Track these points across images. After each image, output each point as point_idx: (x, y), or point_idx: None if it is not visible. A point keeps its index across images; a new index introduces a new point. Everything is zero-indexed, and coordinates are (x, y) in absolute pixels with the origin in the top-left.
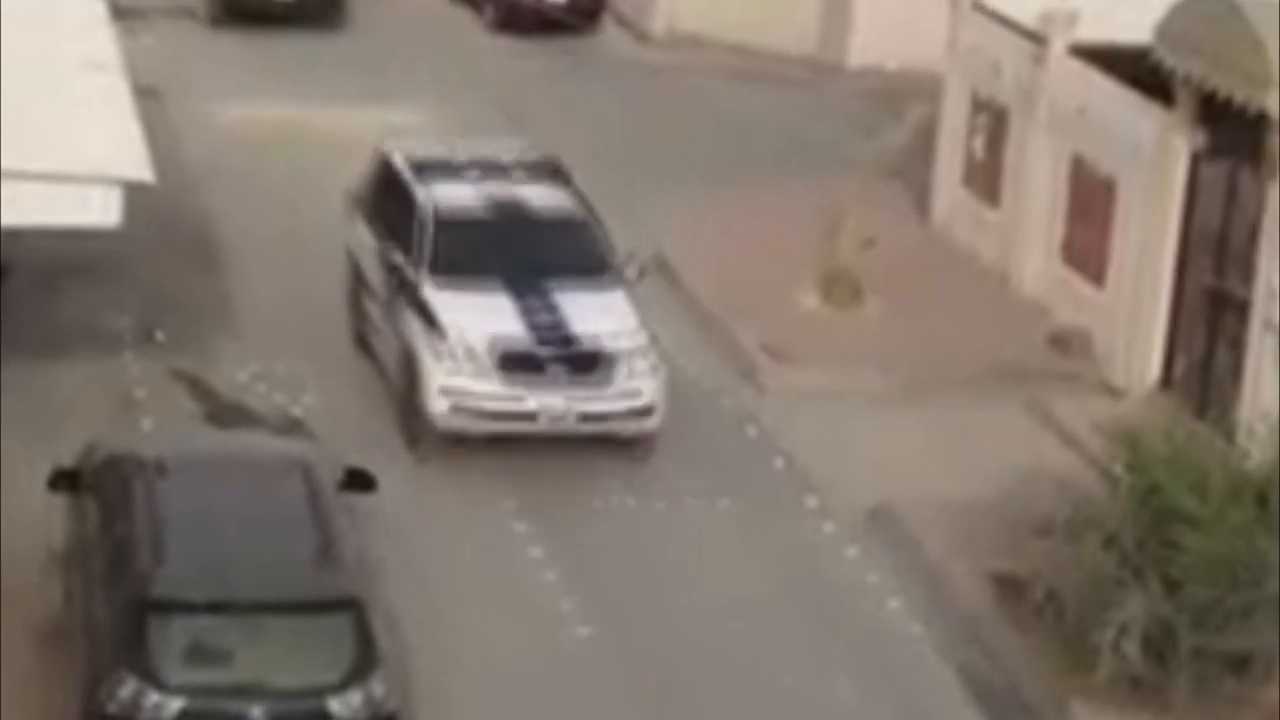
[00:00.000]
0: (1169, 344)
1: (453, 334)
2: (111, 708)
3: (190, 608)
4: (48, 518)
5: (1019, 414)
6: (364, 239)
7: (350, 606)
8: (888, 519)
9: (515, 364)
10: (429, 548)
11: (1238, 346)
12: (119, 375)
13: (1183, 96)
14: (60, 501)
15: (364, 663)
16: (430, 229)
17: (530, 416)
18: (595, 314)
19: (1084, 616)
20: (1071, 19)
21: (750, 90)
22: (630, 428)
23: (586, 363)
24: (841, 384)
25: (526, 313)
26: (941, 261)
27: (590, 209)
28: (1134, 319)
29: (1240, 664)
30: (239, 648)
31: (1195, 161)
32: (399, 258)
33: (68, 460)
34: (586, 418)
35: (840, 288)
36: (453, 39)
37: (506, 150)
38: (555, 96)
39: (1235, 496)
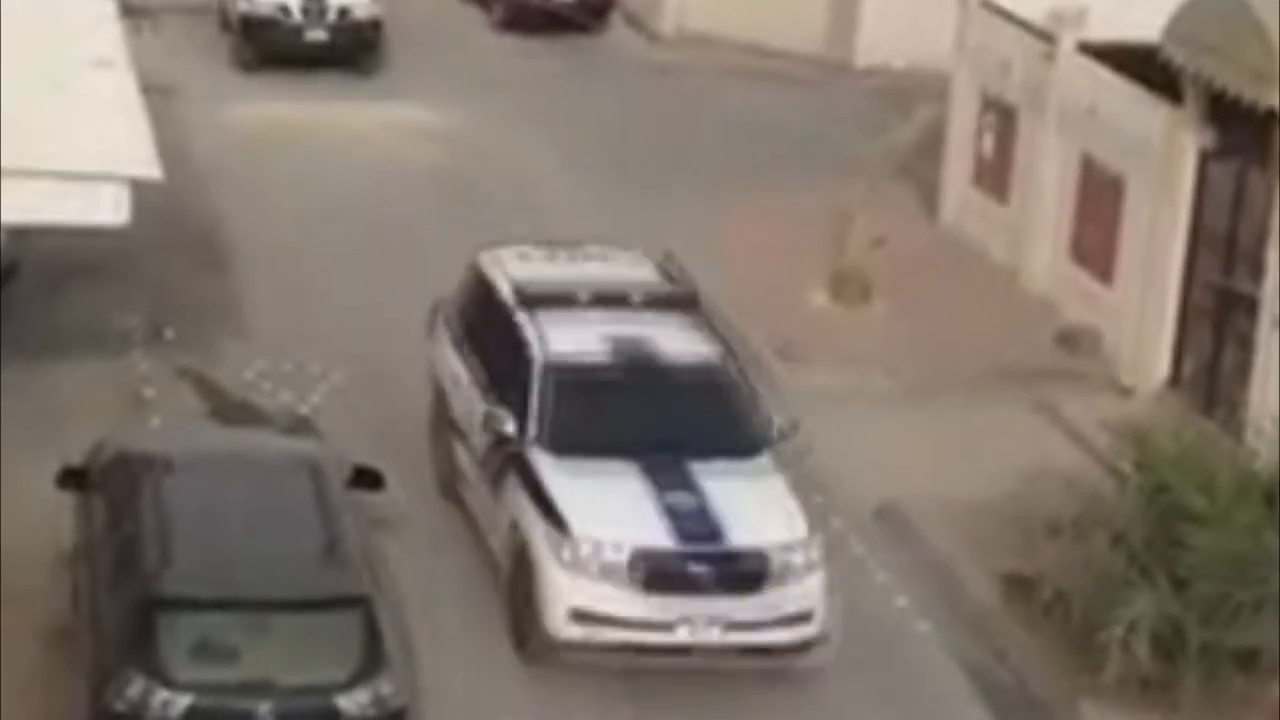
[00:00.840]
0: (1177, 343)
1: (585, 544)
2: (119, 706)
3: (198, 605)
4: (56, 517)
5: (1027, 412)
6: (455, 370)
7: (357, 604)
8: (895, 518)
9: (664, 583)
10: None
11: (1246, 345)
12: (127, 374)
13: (1191, 95)
14: (68, 500)
15: (371, 660)
16: (545, 388)
17: (684, 650)
18: (755, 513)
19: (1092, 615)
20: (1080, 17)
21: (758, 89)
22: (786, 638)
23: (749, 582)
24: (850, 383)
25: (670, 512)
26: (950, 260)
27: (735, 357)
28: (1142, 317)
29: (1248, 661)
30: (246, 645)
31: (1204, 160)
32: (502, 415)
33: (76, 459)
34: (741, 648)
35: (849, 287)
36: (460, 37)
37: (628, 267)
38: (563, 95)
39: (1243, 495)
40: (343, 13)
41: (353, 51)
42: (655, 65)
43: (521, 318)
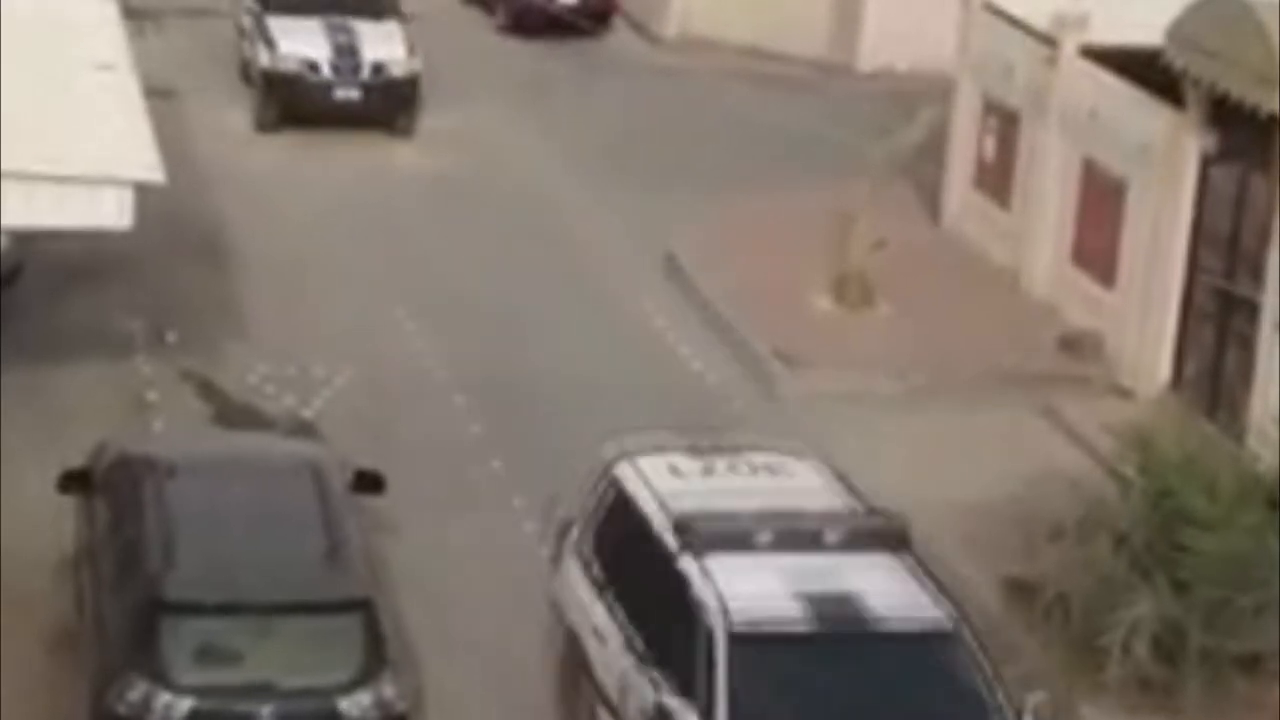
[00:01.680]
0: (1179, 346)
1: None
2: (121, 709)
3: (200, 609)
4: (58, 520)
5: (1029, 416)
6: (591, 612)
7: (360, 607)
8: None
9: None
10: None
11: (1248, 348)
12: (129, 377)
13: (1193, 99)
14: (70, 503)
15: (374, 663)
16: (726, 657)
17: None
18: None
19: (1093, 618)
20: (1082, 21)
21: (761, 92)
22: None
23: None
24: (853, 386)
25: None
26: (952, 263)
27: (964, 615)
28: (1144, 321)
29: (1250, 665)
30: (249, 648)
31: (1206, 163)
32: (672, 688)
33: (78, 462)
34: None
35: (852, 290)
36: (463, 40)
37: (811, 489)
38: (566, 98)
39: (1245, 498)
40: (377, 69)
41: (388, 111)
42: (658, 69)
43: (685, 560)
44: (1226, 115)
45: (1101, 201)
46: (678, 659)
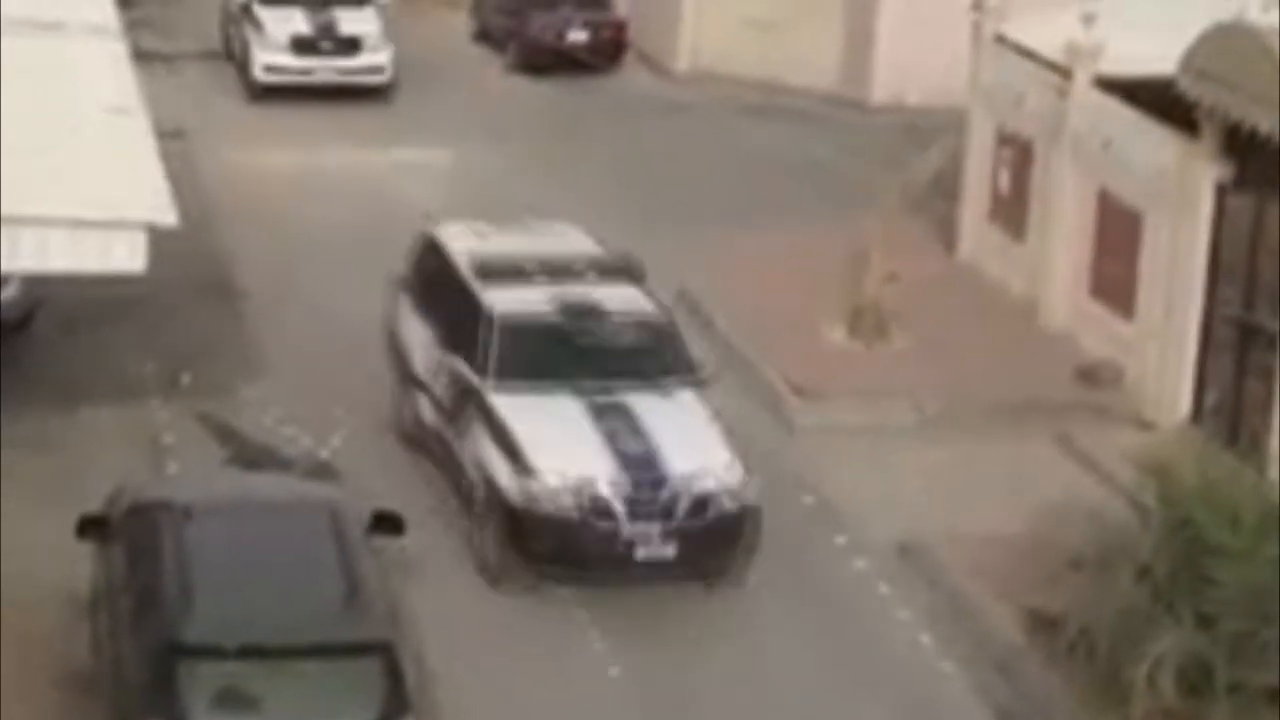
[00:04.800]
0: (1198, 376)
1: None
2: None
3: (219, 653)
4: (75, 565)
5: (1049, 447)
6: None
7: (380, 650)
8: (919, 555)
9: None
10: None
11: (1267, 378)
12: (145, 420)
13: (1208, 128)
14: (87, 548)
15: (395, 706)
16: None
17: None
18: None
19: (1117, 651)
20: (1095, 51)
21: (773, 126)
22: None
23: None
24: (870, 419)
25: None
26: (968, 295)
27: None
28: (1163, 351)
29: (1276, 697)
30: (268, 692)
31: (1222, 193)
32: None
33: (94, 507)
34: None
35: (866, 323)
36: (474, 79)
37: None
38: (578, 135)
39: (1268, 529)
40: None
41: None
42: (669, 103)
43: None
44: (1242, 144)
45: (1117, 232)
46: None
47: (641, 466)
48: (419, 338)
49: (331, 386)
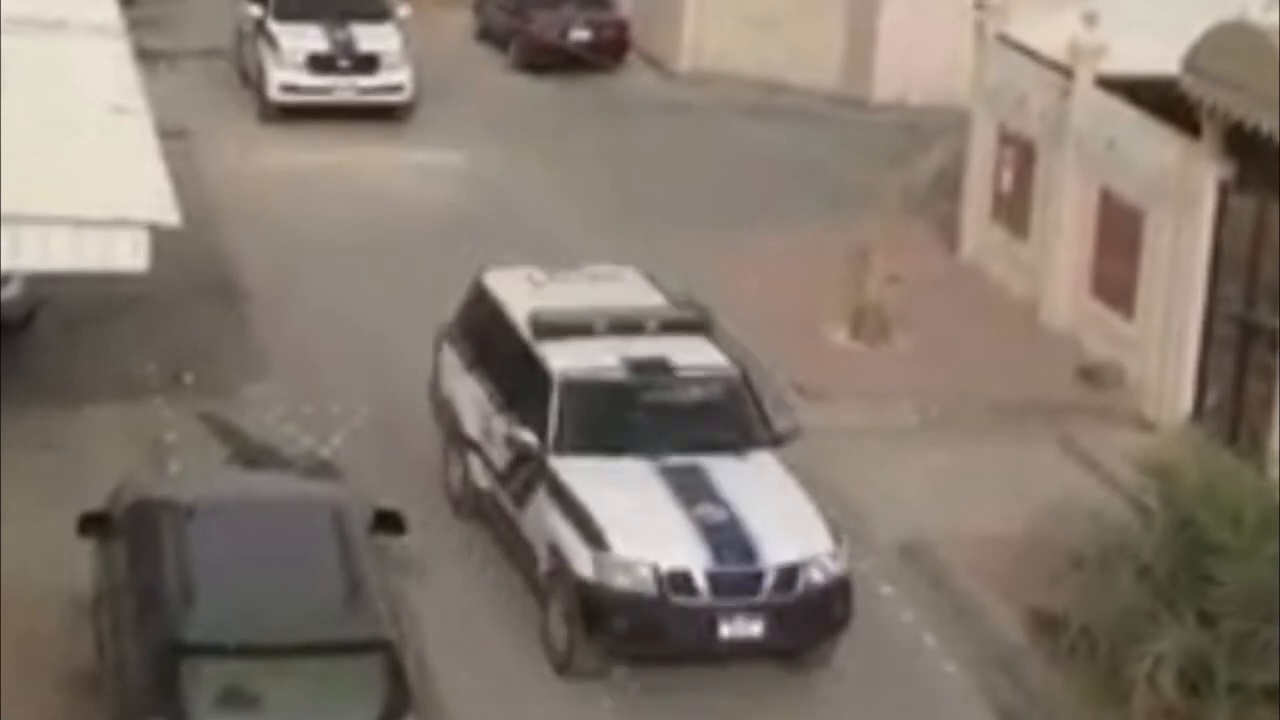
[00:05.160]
0: (1199, 375)
1: None
2: None
3: (221, 651)
4: (77, 563)
5: (1050, 447)
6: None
7: (381, 648)
8: (921, 555)
9: None
10: None
11: (1268, 377)
12: (147, 419)
13: (1210, 127)
14: (89, 546)
15: (396, 705)
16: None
17: None
18: None
19: (1118, 650)
20: (1098, 51)
21: (775, 126)
22: None
23: None
24: (872, 420)
25: None
26: (970, 295)
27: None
28: (1164, 351)
29: (1277, 696)
30: (270, 691)
31: (1224, 192)
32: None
33: (96, 505)
34: None
35: (869, 322)
36: (478, 78)
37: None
38: (580, 134)
39: (1269, 528)
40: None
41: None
42: (672, 103)
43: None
44: (1244, 143)
45: (1119, 231)
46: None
47: (724, 537)
48: (470, 395)
49: (333, 386)
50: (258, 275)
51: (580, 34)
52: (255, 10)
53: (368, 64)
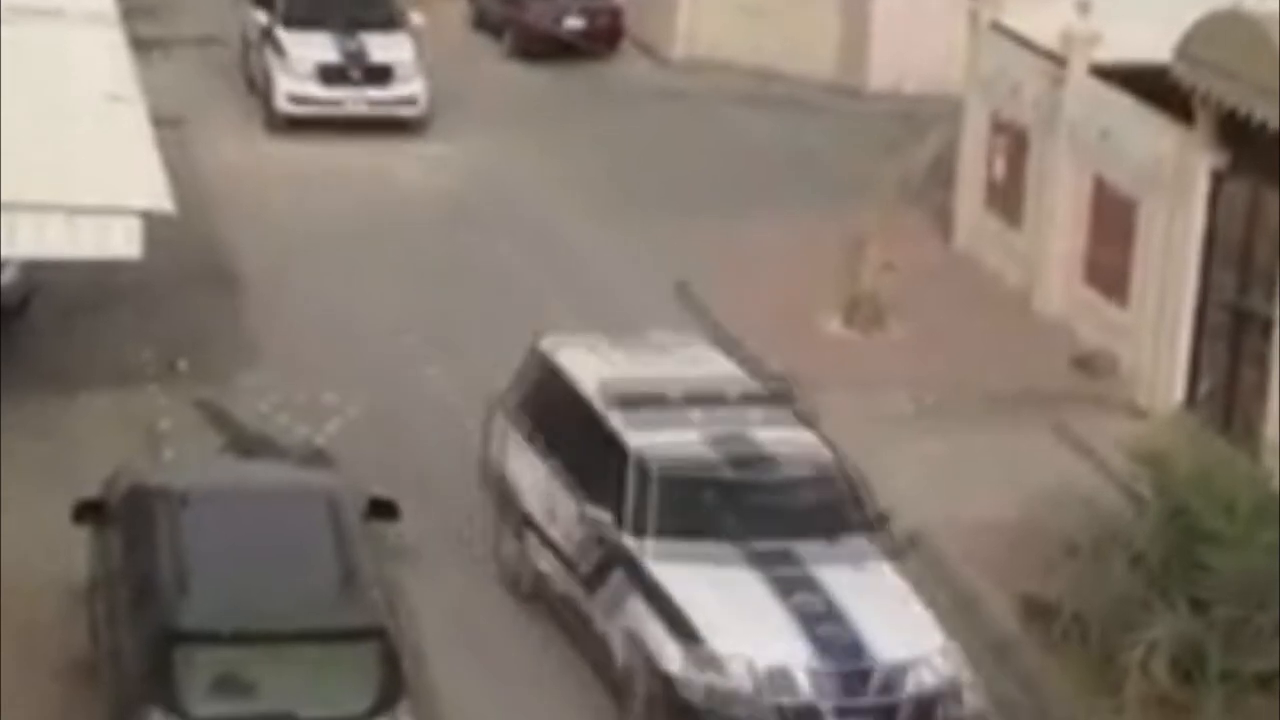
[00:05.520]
0: (1193, 363)
1: None
2: None
3: (216, 639)
4: (71, 551)
5: (1044, 435)
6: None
7: (376, 636)
8: (915, 543)
9: None
10: None
11: (1262, 365)
12: (141, 407)
13: (1203, 115)
14: (83, 534)
15: (391, 692)
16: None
17: None
18: None
19: (1111, 637)
20: (1091, 39)
21: (769, 115)
22: None
23: None
24: (867, 408)
25: None
26: (964, 284)
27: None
28: (1157, 339)
29: (1270, 684)
30: (265, 678)
31: (1217, 180)
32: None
33: (91, 492)
34: None
35: (863, 311)
36: (472, 65)
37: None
38: (575, 122)
39: (1262, 516)
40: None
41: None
42: (666, 91)
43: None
44: (1237, 131)
45: (1113, 220)
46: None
47: (826, 631)
48: (531, 471)
49: (327, 374)
50: (251, 262)
51: (575, 22)
52: (261, 16)
53: (380, 75)
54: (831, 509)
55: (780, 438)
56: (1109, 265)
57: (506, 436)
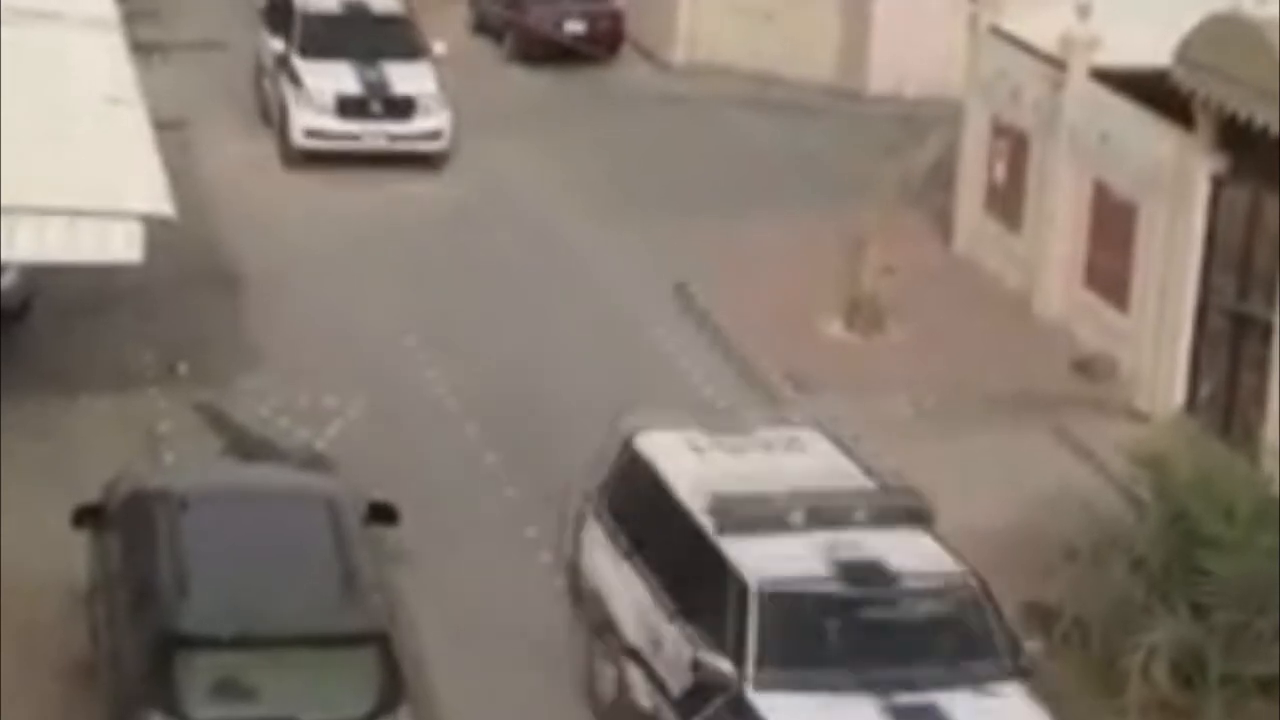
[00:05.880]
0: (1193, 367)
1: None
2: None
3: (216, 643)
4: (72, 555)
5: (1044, 439)
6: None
7: (376, 640)
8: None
9: None
10: None
11: (1262, 369)
12: (141, 410)
13: (1203, 120)
14: (84, 538)
15: (390, 696)
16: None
17: None
18: None
19: (1111, 641)
20: (1091, 43)
21: (770, 118)
22: None
23: None
24: (866, 411)
25: None
26: (964, 287)
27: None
28: (1157, 343)
29: (1270, 688)
30: (265, 682)
31: (1217, 184)
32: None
33: (91, 496)
34: None
35: (863, 314)
36: (473, 69)
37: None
38: (575, 125)
39: (1262, 520)
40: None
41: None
42: (666, 95)
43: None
44: (1237, 136)
45: (1113, 224)
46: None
47: None
48: (629, 592)
49: (327, 377)
50: (252, 265)
51: (575, 26)
52: (277, 43)
53: (402, 108)
54: (979, 650)
55: (908, 556)
56: (1109, 269)
57: (596, 544)
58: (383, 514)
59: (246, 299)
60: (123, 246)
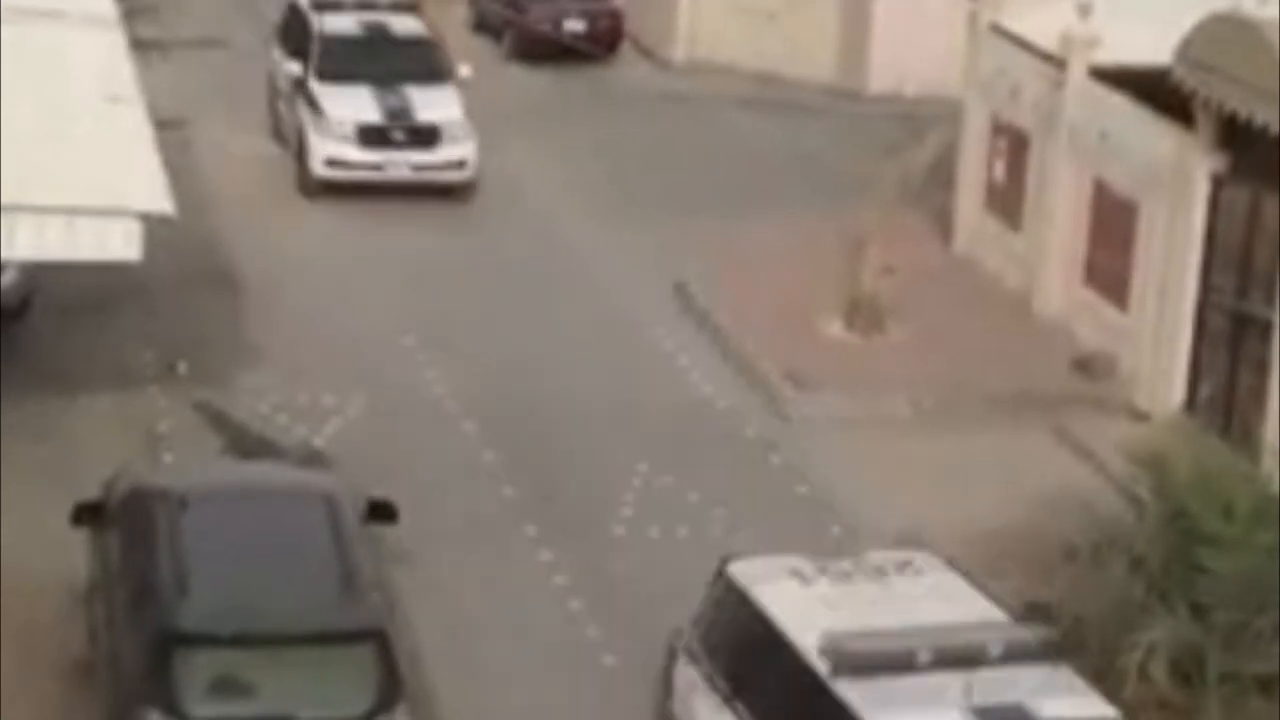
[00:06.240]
0: (1192, 366)
1: None
2: None
3: (214, 641)
4: (71, 553)
5: (1044, 438)
6: None
7: (374, 638)
8: (913, 546)
9: None
10: None
11: (1261, 368)
12: (141, 408)
13: (1203, 119)
14: (83, 536)
15: (389, 694)
16: None
17: None
18: None
19: (1110, 641)
20: (1091, 42)
21: (770, 117)
22: None
23: None
24: (865, 411)
25: None
26: (964, 286)
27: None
28: (1157, 342)
29: (1270, 687)
30: (264, 680)
31: (1217, 184)
32: None
33: (90, 494)
34: None
35: (863, 314)
36: (473, 69)
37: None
38: (575, 124)
39: (1261, 519)
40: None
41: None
42: (666, 94)
43: None
44: (1237, 135)
45: (1113, 222)
46: None
47: None
48: None
49: (327, 376)
50: (251, 264)
51: (574, 25)
52: (294, 66)
53: (426, 136)
54: None
55: (1055, 698)
56: (1109, 268)
57: (694, 691)
58: (381, 512)
59: (246, 298)
60: (122, 245)
